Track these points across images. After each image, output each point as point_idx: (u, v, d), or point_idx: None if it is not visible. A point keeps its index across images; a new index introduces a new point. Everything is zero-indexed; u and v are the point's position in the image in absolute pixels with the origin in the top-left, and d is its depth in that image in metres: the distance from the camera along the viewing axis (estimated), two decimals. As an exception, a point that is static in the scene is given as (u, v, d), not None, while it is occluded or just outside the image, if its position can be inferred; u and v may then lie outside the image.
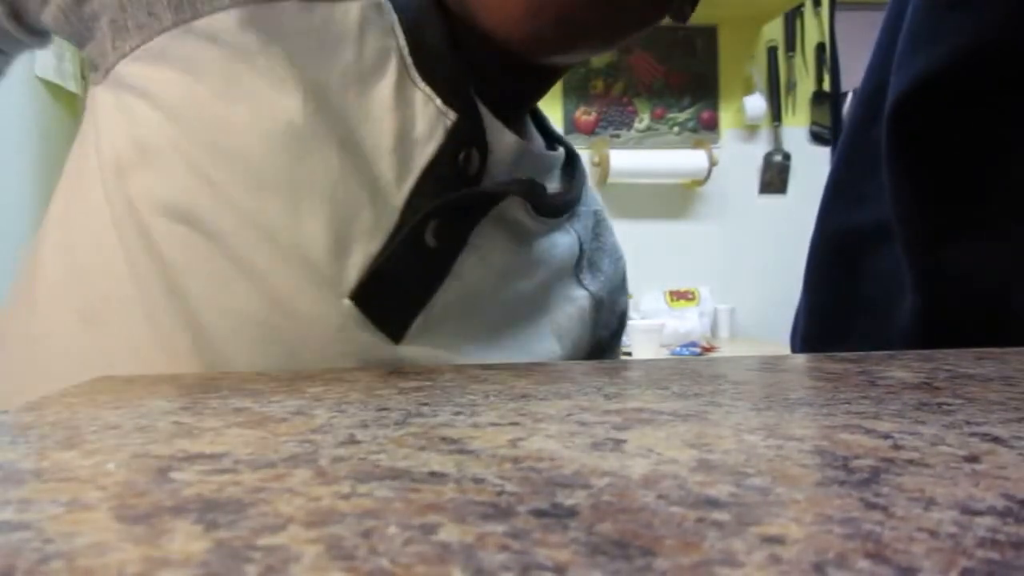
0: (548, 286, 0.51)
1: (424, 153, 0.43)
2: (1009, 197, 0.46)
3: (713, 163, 2.42)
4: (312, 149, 0.41)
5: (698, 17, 2.54)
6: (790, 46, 2.59)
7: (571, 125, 2.49)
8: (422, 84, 0.43)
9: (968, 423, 0.22)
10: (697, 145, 2.49)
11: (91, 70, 0.46)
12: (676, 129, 2.54)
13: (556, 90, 2.47)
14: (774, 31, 2.58)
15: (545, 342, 0.51)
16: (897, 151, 0.49)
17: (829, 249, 0.56)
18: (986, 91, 0.46)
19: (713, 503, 0.15)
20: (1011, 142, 0.46)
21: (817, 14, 2.62)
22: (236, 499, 0.15)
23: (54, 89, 1.95)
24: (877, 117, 0.50)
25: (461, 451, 0.19)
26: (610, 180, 2.41)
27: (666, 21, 0.51)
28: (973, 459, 0.18)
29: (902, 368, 0.32)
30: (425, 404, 0.26)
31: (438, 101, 0.43)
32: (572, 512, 0.14)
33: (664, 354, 1.99)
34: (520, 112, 0.50)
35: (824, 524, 0.14)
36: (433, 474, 0.17)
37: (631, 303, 2.53)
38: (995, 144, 0.47)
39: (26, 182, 1.85)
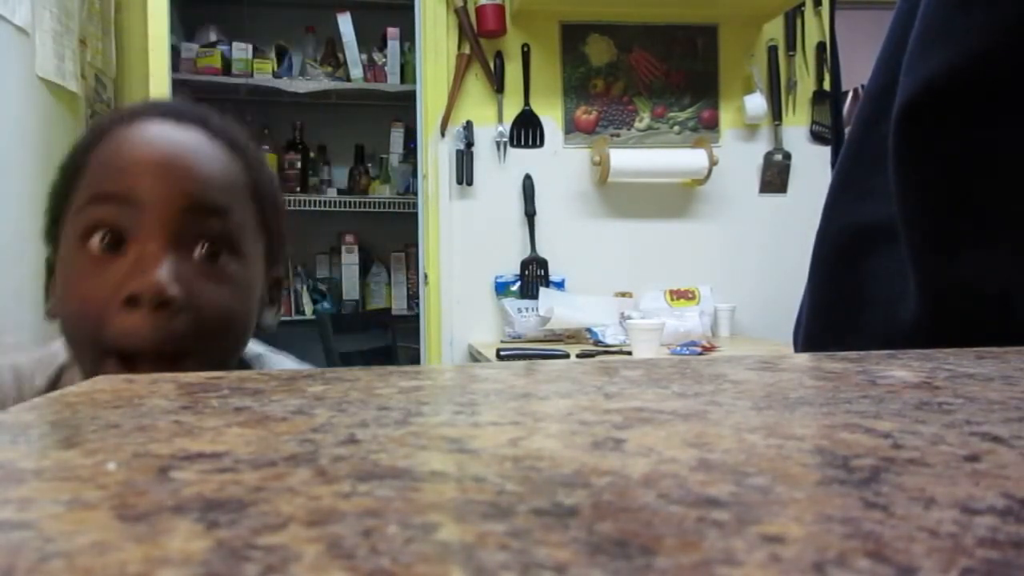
0: None
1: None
2: (1017, 202, 0.46)
3: (713, 162, 2.42)
4: None
5: (699, 16, 2.56)
6: (790, 45, 2.59)
7: (571, 124, 2.49)
8: None
9: (968, 422, 0.22)
10: (697, 144, 2.49)
11: None
12: (676, 128, 2.54)
13: (556, 89, 2.48)
14: (774, 30, 2.58)
15: None
16: (904, 154, 0.48)
17: (833, 246, 0.56)
18: (997, 94, 0.46)
19: (713, 502, 0.15)
20: (1021, 146, 0.46)
21: (817, 13, 2.62)
22: (236, 498, 0.15)
23: (54, 89, 1.94)
24: (885, 113, 0.50)
25: (461, 450, 0.19)
26: (610, 179, 2.41)
27: (668, 20, 0.52)
28: (973, 458, 0.18)
29: (902, 367, 0.32)
30: (425, 403, 0.26)
31: None
32: (572, 511, 0.15)
33: (664, 353, 2.00)
34: None
35: (824, 523, 0.14)
36: (433, 473, 0.17)
37: (632, 302, 2.52)
38: (1005, 148, 0.46)
39: (26, 182, 1.85)
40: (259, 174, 0.66)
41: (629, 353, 1.98)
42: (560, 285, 2.44)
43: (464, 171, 2.42)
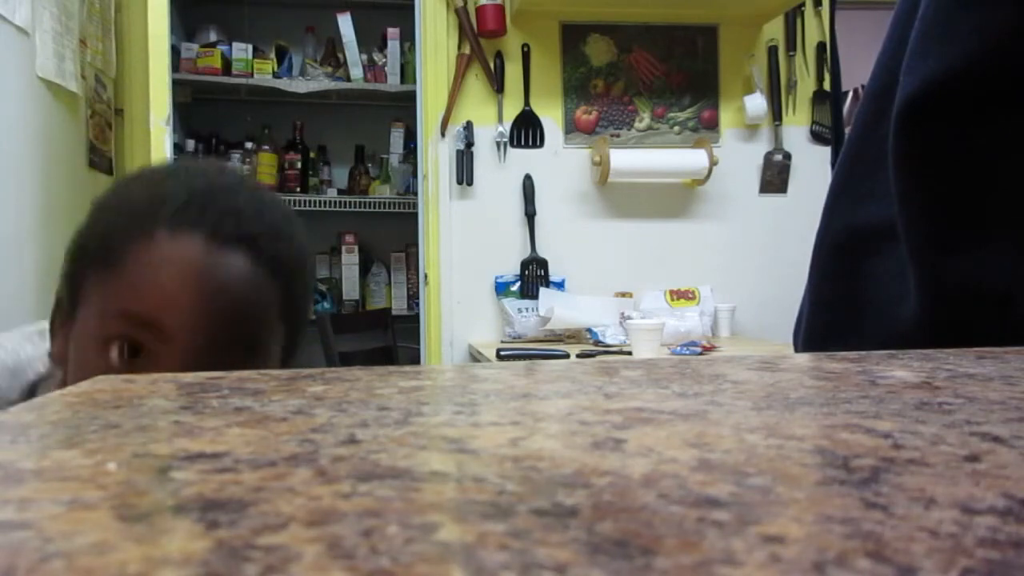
0: None
1: None
2: (1017, 202, 0.46)
3: (713, 162, 2.42)
4: None
5: (699, 16, 2.56)
6: (791, 45, 2.59)
7: (571, 124, 2.50)
8: None
9: (968, 422, 0.22)
10: (698, 144, 2.49)
11: None
12: (677, 128, 2.54)
13: (556, 89, 2.48)
14: (775, 30, 2.58)
15: None
16: (904, 154, 0.48)
17: (833, 246, 0.56)
18: (997, 94, 0.46)
19: (713, 502, 0.15)
20: (1021, 146, 0.46)
21: (817, 13, 2.62)
22: (237, 498, 0.15)
23: (55, 89, 1.94)
24: (885, 114, 0.50)
25: (461, 450, 0.19)
26: (610, 179, 2.41)
27: (668, 20, 0.52)
28: (973, 458, 0.18)
29: (902, 368, 0.32)
30: (425, 403, 0.26)
31: None
32: (572, 511, 0.15)
33: (665, 353, 2.00)
34: None
35: (824, 523, 0.14)
36: (433, 473, 0.17)
37: (632, 302, 2.52)
38: (1004, 148, 0.46)
39: (26, 182, 1.85)
40: (294, 292, 0.65)
41: (629, 353, 1.98)
42: (560, 285, 2.44)
43: (464, 171, 2.42)
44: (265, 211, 0.64)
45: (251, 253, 0.61)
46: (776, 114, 2.56)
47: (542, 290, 2.36)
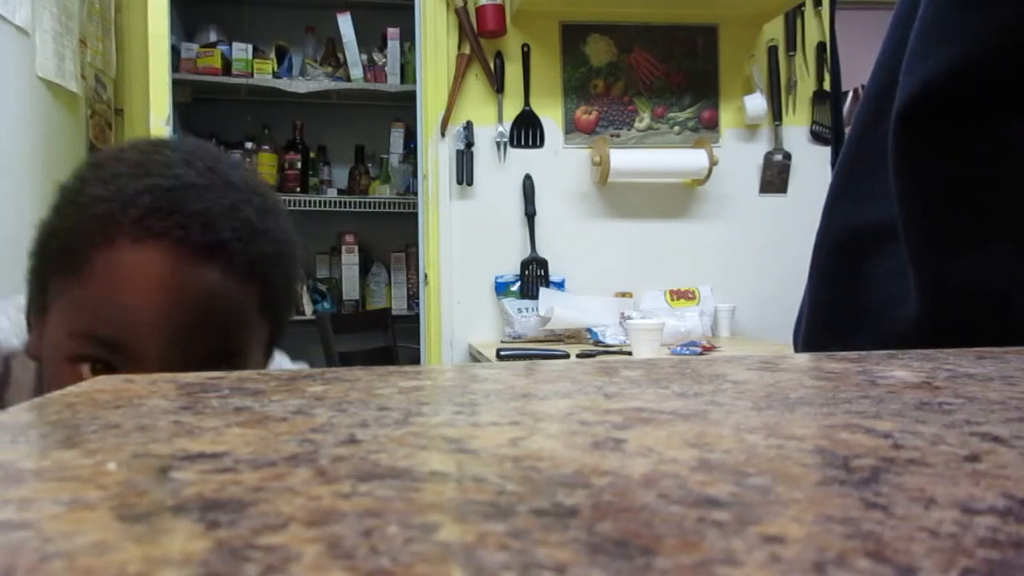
0: None
1: None
2: (1017, 202, 0.46)
3: (713, 162, 2.42)
4: None
5: (699, 16, 2.56)
6: (791, 45, 2.59)
7: (571, 124, 2.50)
8: None
9: (969, 422, 0.22)
10: (698, 144, 2.49)
11: None
12: (676, 128, 2.54)
13: (557, 89, 2.48)
14: (775, 30, 2.58)
15: None
16: (904, 154, 0.48)
17: (833, 247, 0.56)
18: (997, 94, 0.46)
19: (713, 502, 0.15)
20: (1020, 146, 0.46)
21: (818, 13, 2.62)
22: (237, 498, 0.15)
23: (55, 89, 1.94)
24: (885, 114, 0.50)
25: (461, 450, 0.19)
26: (610, 179, 2.41)
27: (668, 20, 0.52)
28: (974, 458, 0.18)
29: (902, 368, 0.32)
30: (425, 403, 0.26)
31: None
32: (572, 511, 0.15)
33: (665, 353, 2.00)
34: None
35: (824, 523, 0.14)
36: (433, 473, 0.17)
37: (632, 302, 2.53)
38: (1004, 148, 0.46)
39: (26, 182, 1.85)
40: (275, 285, 0.61)
41: (629, 353, 1.98)
42: (560, 285, 2.44)
43: (464, 171, 2.42)
44: (239, 207, 0.59)
45: (222, 259, 0.57)
46: (776, 114, 2.56)
47: (542, 290, 2.36)
